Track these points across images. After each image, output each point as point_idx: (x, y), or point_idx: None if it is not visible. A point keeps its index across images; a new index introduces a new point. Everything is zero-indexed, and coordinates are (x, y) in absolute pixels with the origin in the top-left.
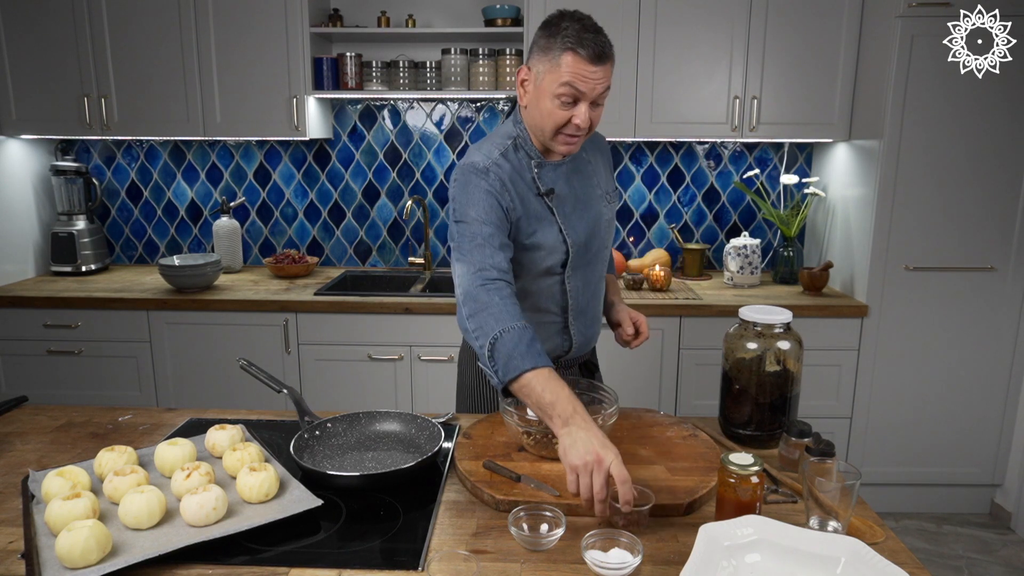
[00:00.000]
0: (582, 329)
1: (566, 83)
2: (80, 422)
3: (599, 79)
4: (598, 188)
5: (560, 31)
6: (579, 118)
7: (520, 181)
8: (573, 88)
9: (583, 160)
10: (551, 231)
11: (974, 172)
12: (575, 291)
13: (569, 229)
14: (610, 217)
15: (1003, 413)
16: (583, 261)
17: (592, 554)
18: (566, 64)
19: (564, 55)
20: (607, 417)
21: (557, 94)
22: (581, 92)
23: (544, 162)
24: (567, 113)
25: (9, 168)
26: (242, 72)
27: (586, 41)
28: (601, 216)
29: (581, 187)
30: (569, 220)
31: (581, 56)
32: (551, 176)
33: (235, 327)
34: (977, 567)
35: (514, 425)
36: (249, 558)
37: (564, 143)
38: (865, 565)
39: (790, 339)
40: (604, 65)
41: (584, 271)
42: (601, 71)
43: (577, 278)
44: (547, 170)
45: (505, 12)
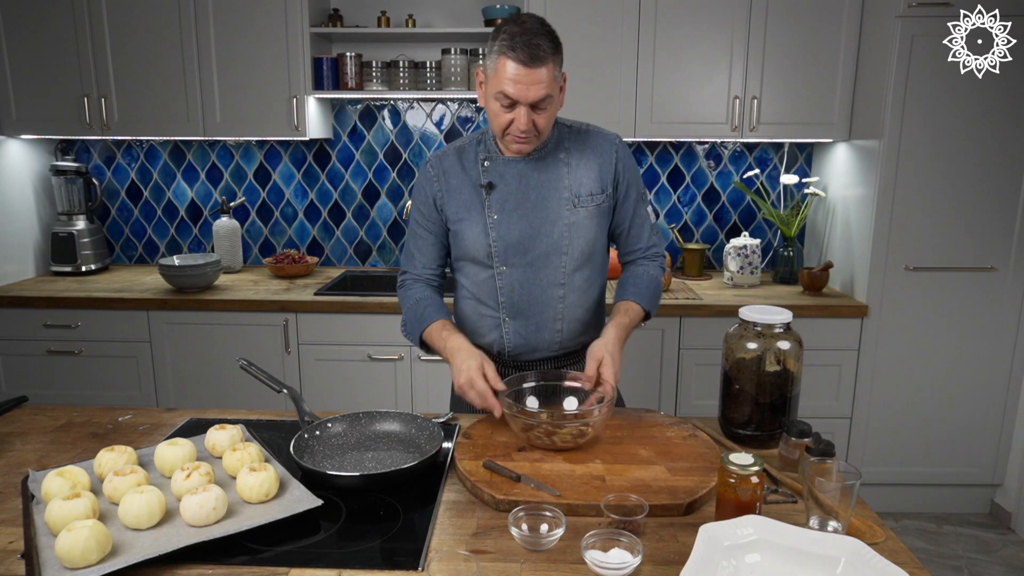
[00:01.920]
0: (520, 331)
1: (500, 89)
2: (80, 422)
3: (533, 82)
4: (564, 190)
5: (499, 35)
6: (519, 122)
7: (463, 173)
8: (506, 94)
9: (555, 160)
10: (477, 223)
11: (974, 172)
12: (508, 289)
13: (500, 225)
14: (575, 221)
15: (1003, 413)
16: (521, 260)
17: (592, 554)
18: (501, 68)
19: (499, 59)
20: (601, 410)
21: (496, 97)
22: (513, 97)
23: (497, 157)
24: (508, 116)
25: (9, 168)
26: (242, 72)
27: (518, 45)
28: (557, 218)
29: (536, 186)
30: (507, 216)
31: (512, 59)
32: (500, 171)
33: (235, 327)
34: (977, 567)
35: (519, 419)
36: (249, 558)
37: (513, 142)
38: (865, 565)
39: (790, 339)
40: (537, 68)
41: (523, 271)
42: (534, 75)
43: (511, 276)
44: (498, 164)
45: (505, 12)
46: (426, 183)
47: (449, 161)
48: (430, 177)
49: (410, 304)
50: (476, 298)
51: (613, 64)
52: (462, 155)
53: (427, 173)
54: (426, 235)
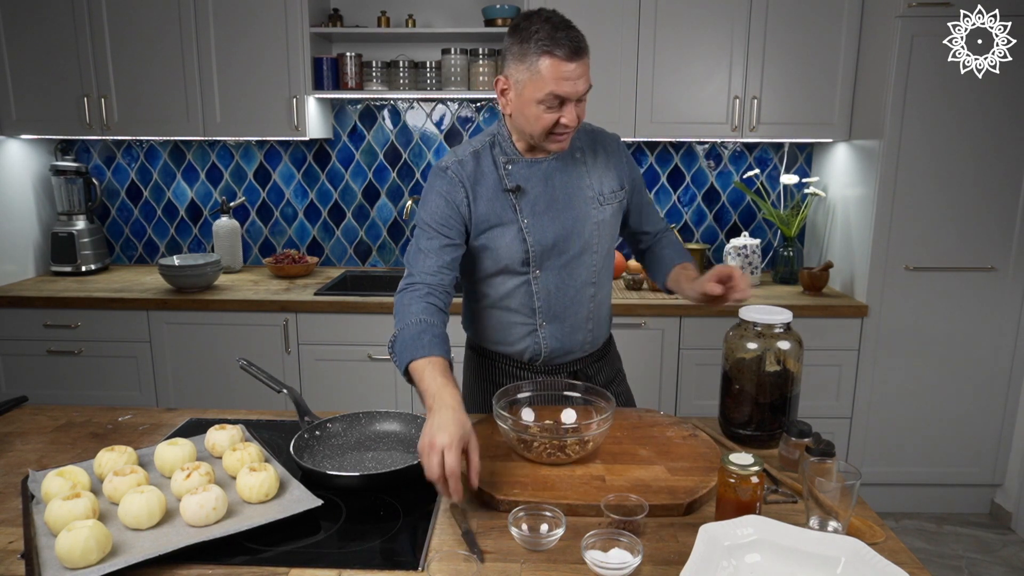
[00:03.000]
0: (557, 335)
1: (550, 90)
2: (80, 422)
3: (579, 76)
4: (588, 189)
5: (532, 35)
6: (567, 118)
7: (484, 179)
8: (557, 94)
9: (573, 159)
10: (510, 229)
11: (974, 172)
12: (544, 293)
13: (534, 228)
14: (602, 219)
15: (1003, 413)
16: (556, 263)
17: (592, 554)
18: (545, 69)
19: (541, 60)
20: (600, 424)
21: (541, 100)
22: (566, 96)
23: (519, 159)
24: (554, 116)
25: (9, 168)
26: (242, 72)
27: (560, 40)
28: (586, 218)
29: (562, 186)
30: (539, 219)
31: (558, 57)
32: (524, 173)
33: (235, 327)
34: (977, 567)
35: (511, 432)
36: (249, 558)
37: (555, 142)
38: (865, 565)
39: (790, 339)
40: (582, 60)
41: (559, 273)
42: (580, 67)
43: (548, 280)
44: (521, 167)
45: (505, 12)
46: (449, 190)
47: (470, 167)
48: (455, 183)
49: (411, 322)
50: (502, 307)
51: (613, 64)
52: (480, 159)
53: (450, 179)
54: (445, 240)
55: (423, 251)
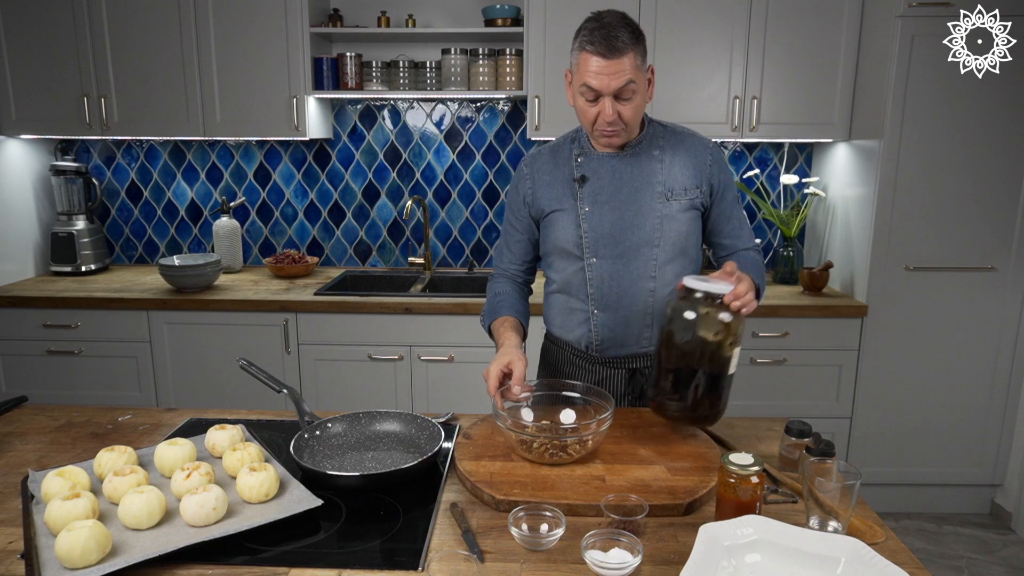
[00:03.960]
0: (610, 324)
1: (583, 82)
2: (80, 422)
3: (613, 73)
4: (658, 185)
5: (581, 31)
6: (604, 113)
7: (556, 169)
8: (589, 86)
9: (649, 156)
10: (569, 215)
11: (974, 172)
12: (597, 280)
13: (591, 216)
14: (667, 214)
15: (1003, 413)
16: (611, 252)
17: (592, 554)
18: (582, 62)
19: (580, 55)
20: (599, 423)
21: (581, 92)
22: (596, 89)
23: (592, 152)
24: (594, 109)
25: (9, 168)
26: (242, 72)
27: (596, 39)
28: (649, 211)
29: (630, 180)
30: (599, 208)
31: (590, 53)
32: (594, 165)
33: (235, 327)
34: (977, 567)
35: (511, 432)
36: (249, 558)
37: (602, 135)
38: (865, 565)
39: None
40: (615, 59)
41: (614, 263)
42: (614, 65)
43: (602, 268)
44: (592, 159)
45: (505, 12)
46: (519, 183)
47: (543, 160)
48: (523, 176)
49: (490, 297)
50: (565, 291)
51: None
52: (556, 153)
53: (520, 172)
54: (516, 233)
55: (503, 250)
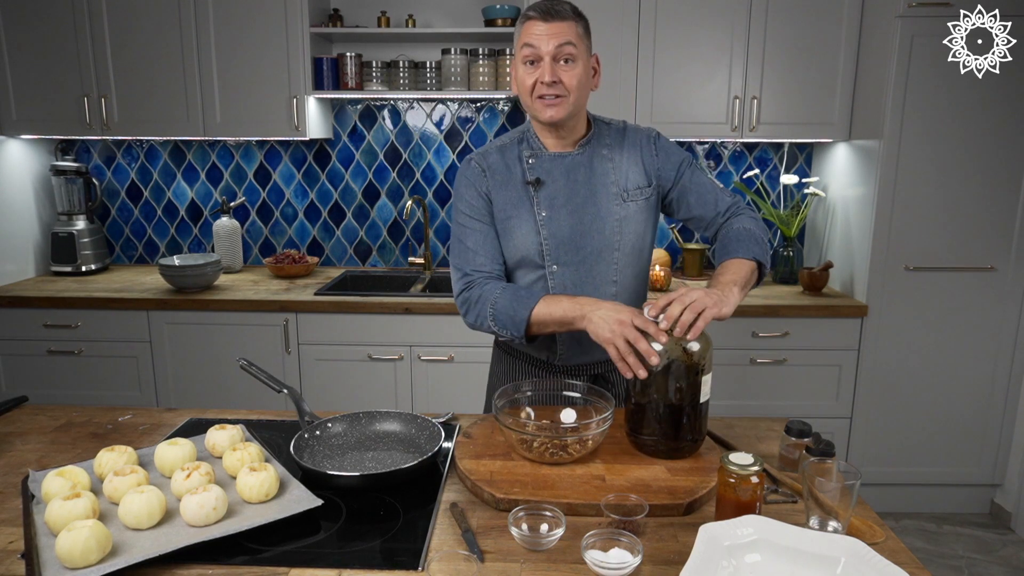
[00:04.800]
0: (574, 333)
1: (524, 44)
2: (80, 422)
3: (552, 34)
4: (612, 185)
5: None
6: (543, 75)
7: (507, 170)
8: (530, 47)
9: (600, 156)
10: (527, 222)
11: (974, 172)
12: (560, 288)
13: (550, 222)
14: (625, 216)
15: (1003, 413)
16: (573, 259)
17: (592, 554)
18: (524, 31)
19: (523, 25)
20: (600, 423)
21: (522, 59)
22: (536, 49)
23: (543, 153)
24: (534, 74)
25: (9, 168)
26: (242, 72)
27: (537, 7)
28: (608, 214)
29: (585, 181)
30: (556, 213)
31: (532, 17)
32: (547, 167)
33: (235, 327)
34: (977, 567)
35: (510, 432)
36: (249, 558)
37: (544, 107)
38: (865, 565)
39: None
40: (556, 21)
41: (576, 269)
42: (554, 27)
43: (563, 276)
44: (544, 161)
45: (505, 12)
46: (474, 179)
47: (493, 158)
48: (477, 173)
49: (499, 292)
50: None
51: (613, 64)
52: (505, 153)
53: (473, 170)
54: (485, 228)
55: (470, 249)
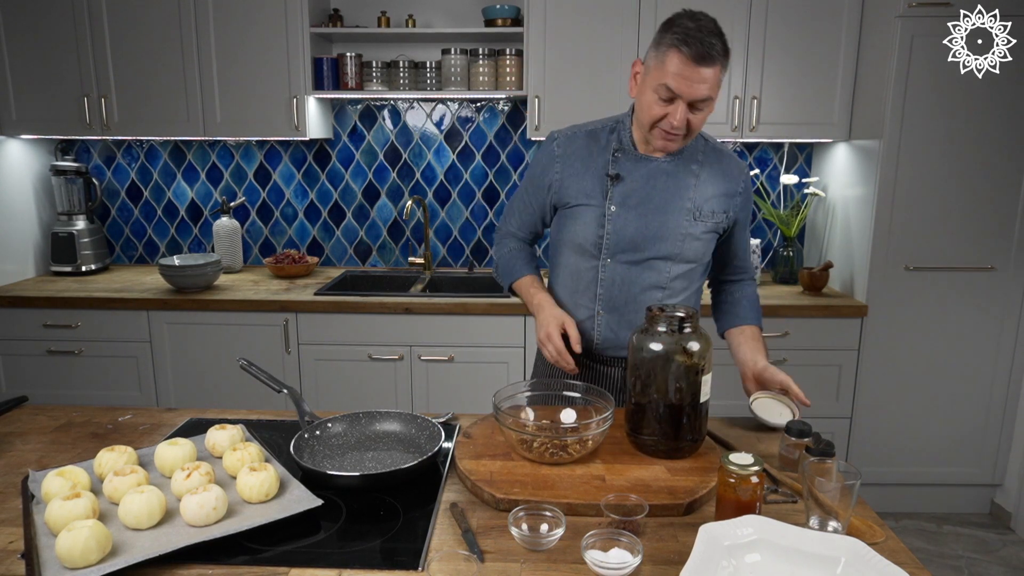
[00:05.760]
0: (613, 326)
1: (664, 81)
2: (80, 422)
3: (698, 80)
4: (688, 201)
5: (672, 27)
6: (674, 117)
7: (589, 157)
8: (669, 87)
9: (686, 169)
10: (594, 211)
11: (974, 172)
12: (608, 282)
13: (617, 218)
14: (690, 233)
15: (1003, 413)
16: (627, 258)
17: (592, 554)
18: (668, 60)
19: (669, 51)
20: (600, 423)
21: (656, 89)
22: (677, 93)
23: (631, 151)
24: (663, 110)
25: (9, 168)
26: (242, 72)
27: (692, 40)
28: (675, 226)
29: (663, 189)
30: (626, 212)
31: (683, 54)
32: (630, 165)
33: (235, 327)
34: (977, 567)
35: (511, 432)
36: (249, 558)
37: (660, 138)
38: (865, 565)
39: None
40: (706, 68)
41: (628, 268)
42: (702, 73)
43: (615, 270)
44: (629, 158)
45: (505, 12)
46: (548, 161)
47: (577, 143)
48: (553, 156)
49: (504, 254)
50: (572, 288)
51: (613, 64)
52: (592, 140)
53: (551, 151)
54: (529, 209)
55: (512, 213)
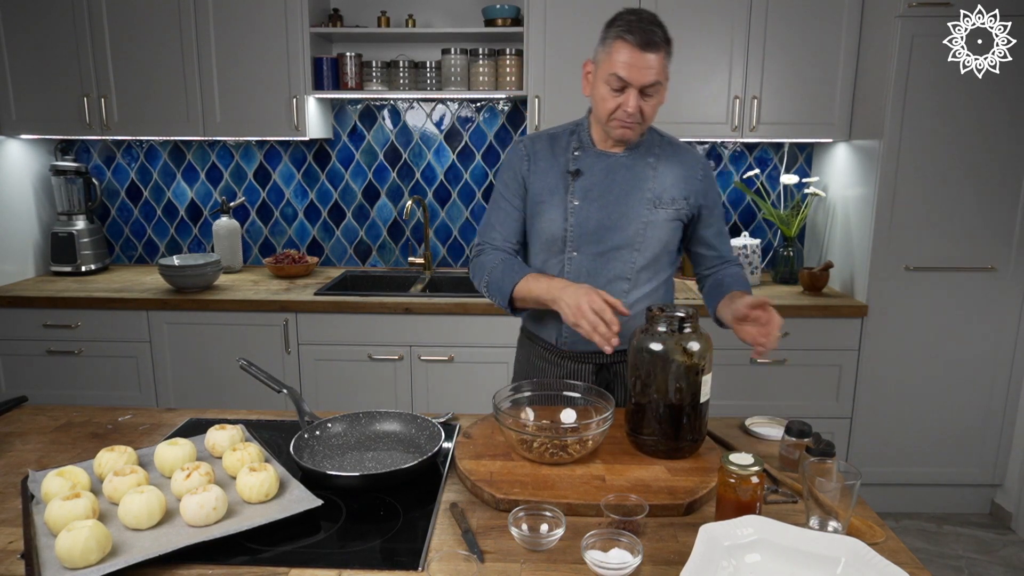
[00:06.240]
0: None
1: (613, 71)
2: (80, 422)
3: (646, 67)
4: (648, 191)
5: (616, 22)
6: (628, 104)
7: (552, 157)
8: (619, 76)
9: (644, 162)
10: (558, 207)
11: (974, 172)
12: (575, 275)
13: (579, 211)
14: (652, 221)
15: (1003, 413)
16: (593, 250)
17: (592, 554)
18: (615, 51)
19: (615, 43)
20: (600, 423)
21: (607, 80)
22: (626, 80)
23: (590, 148)
24: (617, 100)
25: (9, 168)
26: (242, 72)
27: (635, 30)
28: (635, 216)
29: (622, 182)
30: (588, 204)
31: (628, 42)
32: (590, 161)
33: (235, 327)
34: (977, 567)
35: (511, 432)
36: (249, 558)
37: (618, 127)
38: (865, 565)
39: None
40: (651, 53)
41: (593, 260)
42: (648, 59)
43: (580, 263)
44: (589, 155)
45: (505, 12)
46: (517, 160)
47: (541, 144)
48: (521, 155)
49: (495, 264)
50: None
51: None
52: (554, 142)
53: (519, 152)
54: (511, 209)
55: (491, 224)
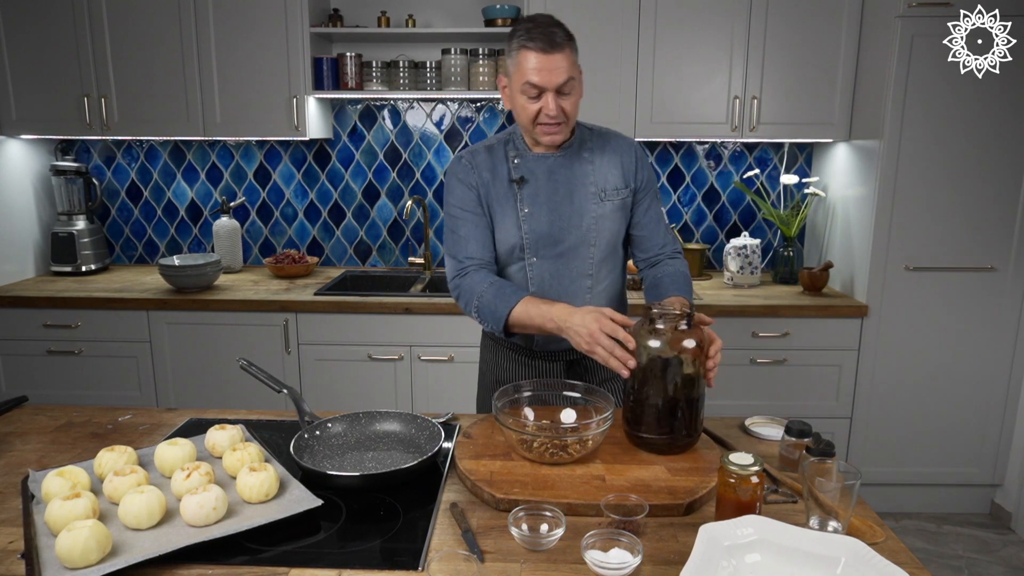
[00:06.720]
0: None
1: (526, 80)
2: (80, 422)
3: (554, 68)
4: (591, 185)
5: (516, 33)
6: (547, 108)
7: (494, 169)
8: (532, 83)
9: (580, 157)
10: (510, 217)
11: (974, 172)
12: (538, 279)
13: (531, 217)
14: (602, 214)
15: (1003, 413)
16: (551, 252)
17: (592, 554)
18: (523, 60)
19: (520, 52)
20: (600, 423)
21: (522, 90)
22: (540, 85)
23: (527, 154)
24: (536, 105)
25: (9, 168)
26: (242, 72)
27: (535, 35)
28: (585, 211)
29: (565, 181)
30: (537, 209)
31: (532, 49)
32: (530, 166)
33: (235, 327)
34: (977, 567)
35: (512, 434)
36: (249, 558)
37: (545, 133)
38: (865, 565)
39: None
40: (556, 54)
41: (554, 262)
42: (554, 60)
43: (542, 267)
44: (528, 161)
45: (505, 12)
46: (465, 174)
47: (480, 157)
48: (468, 168)
49: (484, 287)
50: None
51: (613, 64)
52: (492, 153)
53: (463, 166)
54: (477, 219)
55: (463, 238)
